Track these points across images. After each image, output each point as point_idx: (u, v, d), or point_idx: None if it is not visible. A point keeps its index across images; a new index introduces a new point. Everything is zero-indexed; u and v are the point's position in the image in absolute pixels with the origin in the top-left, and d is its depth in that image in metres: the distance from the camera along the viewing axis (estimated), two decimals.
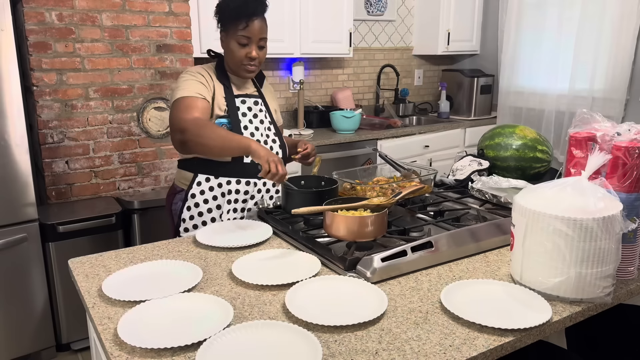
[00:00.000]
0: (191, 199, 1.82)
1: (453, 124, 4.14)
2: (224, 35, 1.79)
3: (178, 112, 1.70)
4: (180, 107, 1.70)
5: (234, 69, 1.81)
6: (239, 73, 1.82)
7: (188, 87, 1.74)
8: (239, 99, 1.84)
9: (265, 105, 1.93)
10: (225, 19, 1.76)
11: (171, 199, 1.90)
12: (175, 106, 1.73)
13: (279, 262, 1.40)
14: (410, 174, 1.90)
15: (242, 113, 1.83)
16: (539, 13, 3.98)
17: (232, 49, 1.76)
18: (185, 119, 1.66)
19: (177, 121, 1.68)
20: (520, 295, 1.20)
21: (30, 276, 2.45)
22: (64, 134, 2.71)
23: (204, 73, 1.80)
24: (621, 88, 3.59)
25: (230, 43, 1.76)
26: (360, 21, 4.21)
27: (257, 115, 1.86)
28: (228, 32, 1.76)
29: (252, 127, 1.83)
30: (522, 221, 1.21)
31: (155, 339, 1.01)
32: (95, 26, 2.72)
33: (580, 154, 1.37)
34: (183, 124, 1.65)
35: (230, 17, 1.74)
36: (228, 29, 1.76)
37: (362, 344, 1.02)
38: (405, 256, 1.33)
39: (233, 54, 1.76)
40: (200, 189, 1.82)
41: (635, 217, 1.25)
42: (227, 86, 1.83)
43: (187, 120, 1.65)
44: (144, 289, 1.23)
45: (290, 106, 3.99)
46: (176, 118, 1.69)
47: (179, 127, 1.67)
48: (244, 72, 1.80)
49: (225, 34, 1.78)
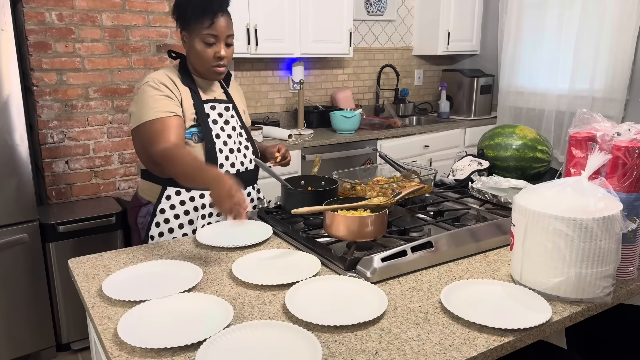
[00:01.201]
0: (160, 214, 1.69)
1: (453, 124, 4.14)
2: (187, 36, 1.65)
3: (149, 142, 1.56)
4: (152, 134, 1.56)
5: (202, 71, 1.68)
6: (207, 75, 1.70)
7: (155, 105, 1.59)
8: (208, 104, 1.71)
9: (236, 110, 1.82)
10: (187, 17, 1.62)
11: (136, 211, 1.76)
12: (145, 131, 1.58)
13: (279, 262, 1.40)
14: (410, 174, 1.90)
15: (212, 120, 1.71)
16: (539, 13, 3.98)
17: (198, 50, 1.63)
18: (156, 151, 1.53)
19: (150, 152, 1.56)
20: (520, 295, 1.20)
21: (30, 276, 2.45)
22: (64, 134, 2.72)
23: (167, 81, 1.64)
24: (621, 88, 3.59)
25: (195, 43, 1.63)
26: (360, 21, 4.21)
27: (228, 122, 1.75)
28: (191, 31, 1.62)
29: (224, 135, 1.72)
30: (522, 221, 1.21)
31: (155, 339, 1.01)
32: (95, 26, 2.72)
33: (580, 154, 1.37)
34: (156, 156, 1.54)
35: (193, 15, 1.60)
36: (191, 29, 1.62)
37: (362, 344, 1.02)
38: (405, 256, 1.33)
39: (200, 55, 1.63)
40: (170, 203, 1.69)
41: (635, 217, 1.25)
42: (194, 91, 1.69)
43: (158, 153, 1.53)
44: (144, 289, 1.23)
45: (290, 106, 3.99)
46: (149, 149, 1.57)
47: (153, 159, 1.56)
48: (213, 74, 1.68)
49: (187, 33, 1.64)
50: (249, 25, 3.28)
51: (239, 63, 3.68)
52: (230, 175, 1.40)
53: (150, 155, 1.57)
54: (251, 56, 3.36)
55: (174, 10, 1.65)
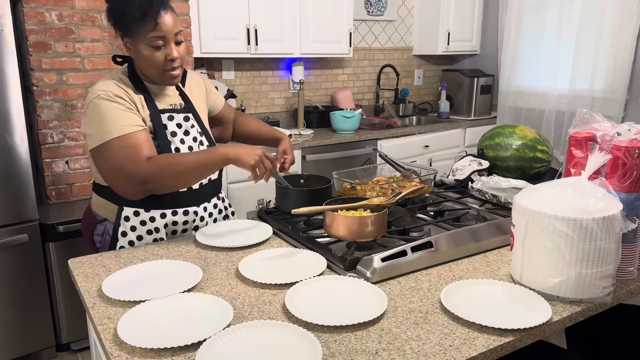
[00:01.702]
0: (122, 237, 1.54)
1: (453, 124, 4.14)
2: (130, 42, 1.45)
3: (123, 161, 1.39)
4: (124, 152, 1.39)
5: (155, 78, 1.49)
6: (162, 81, 1.51)
7: (119, 120, 1.41)
8: (165, 115, 1.54)
9: (196, 117, 1.64)
10: (126, 23, 1.41)
11: (91, 228, 1.61)
12: (113, 151, 1.39)
13: (280, 262, 1.40)
14: (410, 174, 1.90)
15: (171, 132, 1.54)
16: (539, 13, 3.98)
17: (147, 56, 1.43)
18: (141, 167, 1.38)
19: (130, 172, 1.38)
20: (520, 295, 1.20)
21: (30, 276, 2.45)
22: (64, 134, 2.71)
23: (120, 92, 1.45)
24: (621, 88, 3.59)
25: (141, 50, 1.43)
26: (360, 21, 4.21)
27: (188, 133, 1.58)
28: (135, 37, 1.42)
29: (184, 148, 1.56)
30: (522, 221, 1.21)
31: (155, 339, 1.01)
32: (95, 26, 2.72)
33: (580, 154, 1.37)
34: (141, 174, 1.38)
35: (133, 20, 1.40)
36: (134, 34, 1.42)
37: (362, 344, 1.02)
38: (405, 256, 1.33)
39: (149, 61, 1.44)
40: (131, 224, 1.53)
41: (635, 217, 1.25)
42: (148, 99, 1.52)
43: (143, 168, 1.37)
44: (144, 289, 1.23)
45: (290, 106, 3.99)
46: (126, 168, 1.39)
47: (138, 179, 1.39)
48: (168, 79, 1.49)
49: (130, 40, 1.44)
50: (249, 25, 3.28)
51: (239, 63, 3.68)
52: None
53: (130, 176, 1.39)
54: (251, 56, 3.37)
55: (109, 17, 1.44)
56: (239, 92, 3.72)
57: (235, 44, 3.26)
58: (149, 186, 1.41)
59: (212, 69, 3.59)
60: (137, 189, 1.42)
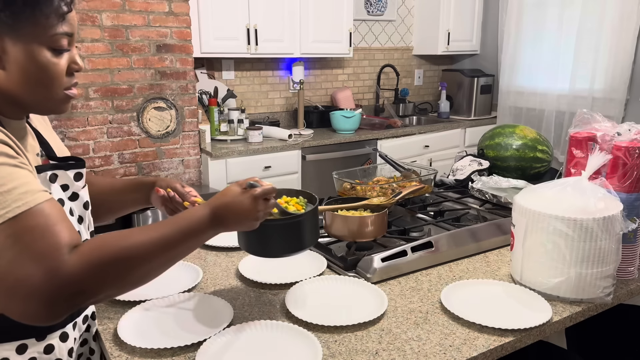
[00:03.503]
0: None
1: (453, 124, 4.14)
2: (11, 44, 0.83)
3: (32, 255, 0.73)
4: (29, 240, 0.74)
5: (45, 101, 0.89)
6: (53, 108, 0.91)
7: (17, 184, 0.76)
8: (46, 173, 0.91)
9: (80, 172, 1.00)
10: (16, 10, 0.81)
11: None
12: (16, 238, 0.74)
13: (280, 262, 1.39)
14: (410, 174, 1.90)
15: (58, 200, 0.93)
16: (539, 13, 3.98)
17: (42, 64, 0.86)
18: (68, 263, 0.74)
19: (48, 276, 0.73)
20: (520, 295, 1.20)
21: None
22: (64, 134, 2.71)
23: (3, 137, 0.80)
24: (621, 88, 3.59)
25: (34, 54, 0.84)
26: (360, 21, 4.21)
27: (77, 196, 0.99)
28: (24, 34, 0.83)
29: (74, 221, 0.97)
30: (522, 221, 1.21)
31: (155, 339, 1.01)
32: (95, 26, 2.72)
33: (580, 154, 1.37)
34: (70, 276, 0.74)
35: (34, 5, 0.83)
36: (24, 29, 0.83)
37: (362, 344, 1.02)
38: (405, 256, 1.33)
39: (46, 72, 0.87)
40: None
41: (635, 217, 1.25)
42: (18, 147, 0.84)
43: (73, 266, 0.75)
44: (144, 289, 1.22)
45: (290, 106, 3.99)
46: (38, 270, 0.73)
47: (64, 287, 0.74)
48: (63, 103, 0.92)
49: (13, 40, 0.82)
50: (249, 25, 3.28)
51: (239, 63, 3.68)
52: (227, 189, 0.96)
53: (49, 283, 0.73)
54: (251, 56, 3.36)
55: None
56: (239, 92, 3.72)
57: (235, 44, 3.26)
58: (84, 297, 0.77)
59: (212, 69, 3.59)
60: (59, 307, 0.75)
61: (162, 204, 1.15)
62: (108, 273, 0.78)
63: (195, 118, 3.12)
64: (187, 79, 3.05)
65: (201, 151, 3.17)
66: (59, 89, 0.90)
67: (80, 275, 0.75)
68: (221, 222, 0.92)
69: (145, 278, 0.85)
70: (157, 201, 1.16)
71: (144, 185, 1.20)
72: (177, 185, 1.17)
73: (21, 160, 0.81)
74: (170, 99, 3.01)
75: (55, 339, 0.93)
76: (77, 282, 0.75)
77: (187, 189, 1.17)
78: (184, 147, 3.11)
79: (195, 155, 3.16)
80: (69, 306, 0.76)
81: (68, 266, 0.75)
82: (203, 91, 3.54)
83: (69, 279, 0.74)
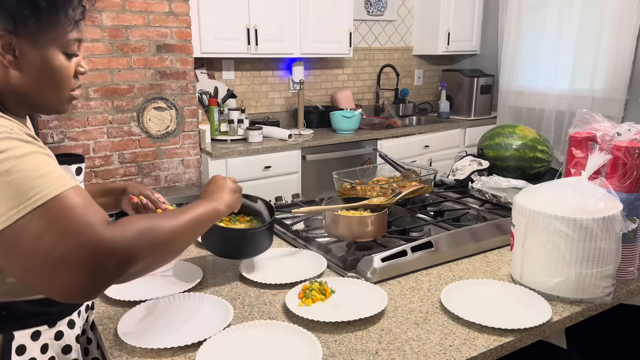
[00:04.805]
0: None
1: (453, 124, 4.14)
2: (27, 46, 0.86)
3: (85, 229, 0.77)
4: (74, 216, 0.78)
5: (52, 102, 0.95)
6: (58, 107, 0.97)
7: (51, 170, 0.81)
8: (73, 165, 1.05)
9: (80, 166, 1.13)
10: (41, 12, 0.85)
11: None
12: (58, 216, 0.77)
13: (280, 262, 1.39)
14: (410, 174, 1.90)
15: None
16: (539, 13, 3.98)
17: (56, 68, 0.90)
18: (112, 234, 0.79)
19: (101, 245, 0.77)
20: (520, 295, 1.20)
21: None
22: (64, 134, 2.72)
23: (24, 129, 0.86)
24: (621, 88, 3.59)
25: (49, 57, 0.89)
26: (360, 21, 4.21)
27: None
28: (42, 38, 0.87)
29: None
30: (522, 221, 1.21)
31: (155, 339, 1.01)
32: (95, 26, 2.72)
33: (580, 154, 1.37)
34: (124, 246, 0.79)
35: (58, 13, 0.87)
36: (46, 37, 0.87)
37: (362, 344, 1.02)
38: (405, 256, 1.33)
39: (57, 75, 0.91)
40: (29, 357, 0.93)
41: (635, 217, 1.25)
42: None
43: (119, 236, 0.80)
44: (144, 289, 1.23)
45: (290, 106, 3.99)
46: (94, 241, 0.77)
47: (115, 253, 0.78)
48: (67, 103, 0.97)
49: (30, 42, 0.86)
50: (249, 25, 3.28)
51: (239, 63, 3.68)
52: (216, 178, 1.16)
53: (125, 249, 0.80)
54: (251, 56, 3.37)
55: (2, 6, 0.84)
56: (239, 92, 3.72)
57: (235, 44, 3.26)
58: (130, 263, 0.81)
59: (212, 69, 3.59)
60: (107, 276, 0.78)
61: (134, 210, 1.26)
62: (149, 237, 0.84)
63: (195, 118, 3.12)
64: (187, 79, 3.05)
65: (201, 151, 3.17)
66: (67, 90, 0.96)
67: (125, 241, 0.80)
68: (213, 198, 1.07)
69: (174, 250, 0.92)
70: (129, 207, 1.27)
71: (113, 191, 1.30)
72: (149, 192, 1.29)
73: (49, 152, 0.87)
74: (170, 99, 3.01)
75: (64, 325, 0.98)
76: (123, 248, 0.80)
77: (157, 195, 1.28)
78: (184, 147, 3.11)
79: (195, 155, 3.16)
80: (117, 274, 0.80)
81: (112, 235, 0.79)
82: (203, 91, 3.54)
83: (115, 246, 0.79)
